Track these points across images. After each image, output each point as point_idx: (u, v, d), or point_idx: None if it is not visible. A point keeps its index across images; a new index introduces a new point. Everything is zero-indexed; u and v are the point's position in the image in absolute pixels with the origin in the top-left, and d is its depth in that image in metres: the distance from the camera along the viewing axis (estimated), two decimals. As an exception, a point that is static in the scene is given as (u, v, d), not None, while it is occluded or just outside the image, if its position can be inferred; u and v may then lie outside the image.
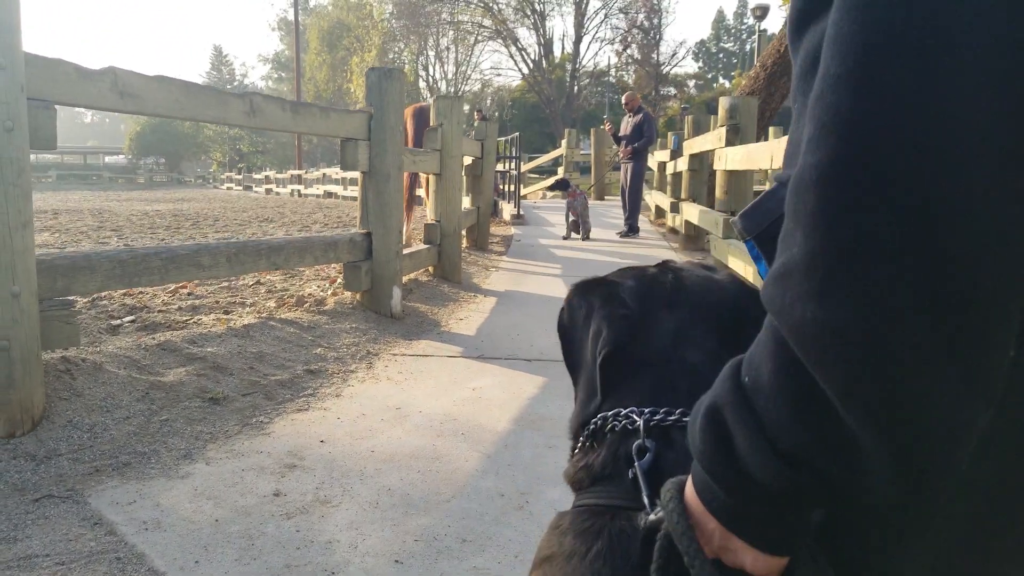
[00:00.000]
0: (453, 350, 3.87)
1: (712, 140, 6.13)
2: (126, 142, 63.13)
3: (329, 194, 24.16)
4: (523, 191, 14.97)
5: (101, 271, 2.84)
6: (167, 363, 3.10)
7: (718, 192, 5.93)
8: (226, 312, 4.32)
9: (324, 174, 26.63)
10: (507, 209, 11.53)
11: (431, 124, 5.64)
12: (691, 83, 47.84)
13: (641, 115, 9.69)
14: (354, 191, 21.27)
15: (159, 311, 4.29)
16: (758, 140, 5.83)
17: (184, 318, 4.08)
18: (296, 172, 30.54)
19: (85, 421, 2.54)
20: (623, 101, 10.01)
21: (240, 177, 40.98)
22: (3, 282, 2.35)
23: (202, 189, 46.15)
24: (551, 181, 19.08)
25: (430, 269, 5.63)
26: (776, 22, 58.85)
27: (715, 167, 5.87)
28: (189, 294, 4.96)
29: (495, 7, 38.80)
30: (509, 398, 3.11)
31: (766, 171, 7.19)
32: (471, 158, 7.32)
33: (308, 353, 3.55)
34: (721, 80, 66.03)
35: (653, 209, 12.20)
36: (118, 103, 2.87)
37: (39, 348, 2.52)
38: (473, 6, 39.17)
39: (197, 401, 2.83)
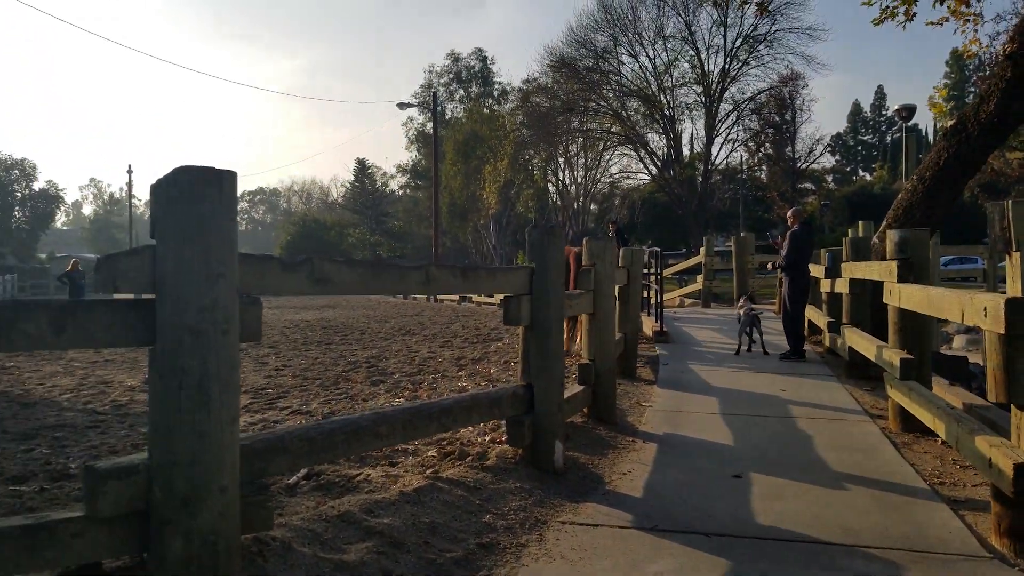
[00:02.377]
0: (622, 518, 3.71)
1: (880, 272, 5.82)
2: (277, 249, 68.19)
3: (464, 298, 24.86)
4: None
5: (292, 451, 2.95)
6: (348, 538, 3.13)
7: (891, 329, 5.57)
8: (391, 464, 4.38)
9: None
10: (647, 323, 11.37)
11: (583, 264, 5.67)
12: (829, 178, 46.59)
13: (789, 233, 9.41)
14: (488, 298, 22.18)
15: (329, 463, 4.41)
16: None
17: (353, 472, 4.17)
18: (433, 278, 31.70)
19: (278, 612, 2.57)
20: (789, 216, 9.73)
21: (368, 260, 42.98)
22: (213, 478, 2.46)
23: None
24: (689, 289, 18.84)
25: (585, 410, 5.55)
26: (922, 120, 56.85)
27: (886, 300, 5.55)
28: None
29: (624, 114, 39.68)
30: (694, 588, 2.91)
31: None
32: (618, 286, 7.30)
33: (478, 522, 3.51)
34: (861, 173, 64.06)
35: (805, 323, 11.66)
36: (314, 288, 3.04)
37: (239, 535, 2.60)
38: (602, 114, 40.23)
39: (379, 586, 2.83)
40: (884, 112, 69.08)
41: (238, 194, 2.69)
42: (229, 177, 2.54)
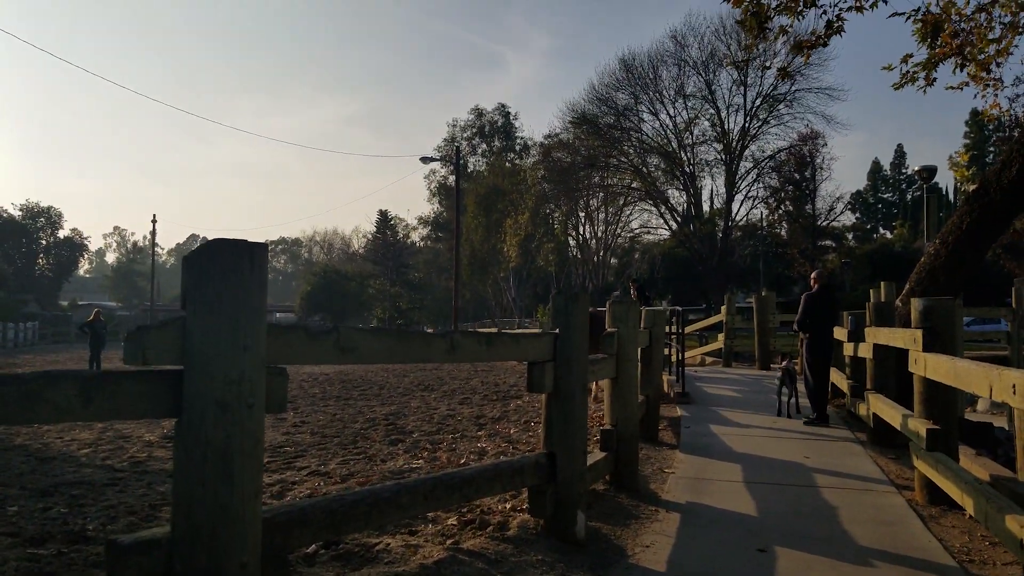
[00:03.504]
0: (646, 594, 3.63)
1: (905, 340, 5.75)
2: (297, 300, 68.69)
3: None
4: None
5: (314, 524, 2.92)
6: (365, 612, 3.08)
7: (916, 398, 5.48)
8: (411, 533, 4.32)
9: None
10: (666, 381, 11.26)
11: (606, 329, 5.66)
12: (849, 235, 46.49)
13: (804, 294, 9.36)
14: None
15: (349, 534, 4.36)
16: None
17: (372, 540, 4.12)
18: (452, 331, 31.73)
19: None
20: (812, 278, 9.68)
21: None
22: (234, 553, 2.44)
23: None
24: (710, 347, 18.69)
25: (607, 476, 5.47)
26: (943, 178, 56.81)
27: (911, 369, 5.47)
28: (372, 501, 5.04)
29: (645, 170, 40.05)
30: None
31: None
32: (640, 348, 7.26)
33: (498, 596, 3.44)
34: (881, 230, 63.83)
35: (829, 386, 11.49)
36: (339, 357, 3.05)
37: (257, 612, 2.57)
38: (623, 170, 40.61)
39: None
40: (904, 170, 69.20)
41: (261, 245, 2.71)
42: (260, 250, 2.58)
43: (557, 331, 4.29)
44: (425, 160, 41.62)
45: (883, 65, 9.91)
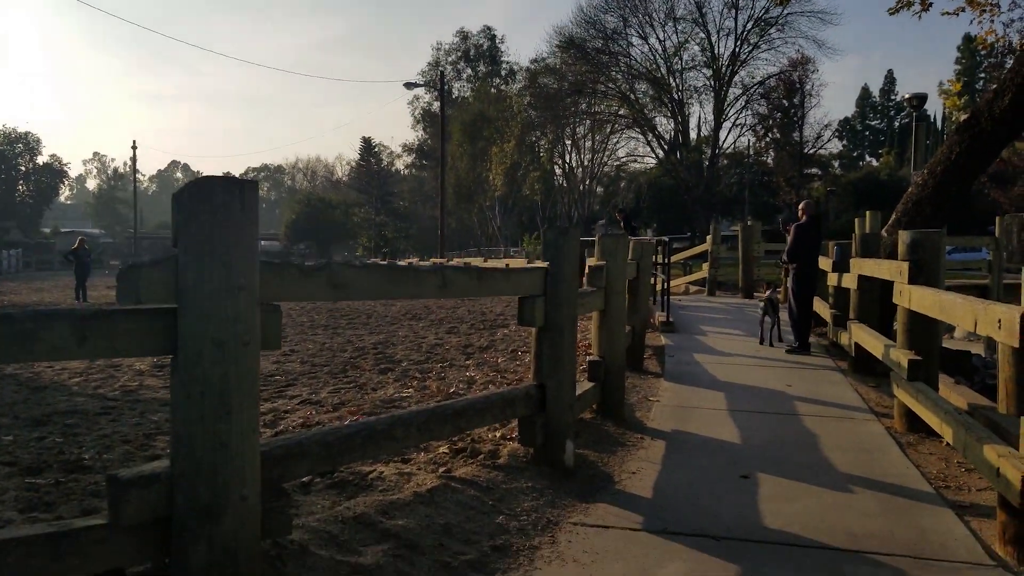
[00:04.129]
0: (633, 519, 3.75)
1: (891, 271, 5.81)
2: (282, 228, 68.09)
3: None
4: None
5: (310, 456, 2.98)
6: (364, 540, 3.17)
7: (899, 328, 5.58)
8: (404, 461, 4.42)
9: (466, 263, 27.54)
10: (651, 310, 11.38)
11: (586, 262, 5.68)
12: (836, 163, 46.33)
13: (794, 224, 9.38)
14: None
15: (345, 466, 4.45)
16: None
17: (367, 469, 4.21)
18: (439, 261, 31.76)
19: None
20: (799, 209, 9.69)
21: (385, 263, 42.98)
22: (235, 487, 2.49)
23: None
24: (694, 276, 18.82)
25: (594, 405, 5.58)
26: (932, 107, 56.27)
27: (895, 300, 5.55)
28: (364, 431, 5.13)
29: (632, 97, 39.42)
30: (704, 596, 2.95)
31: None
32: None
33: (491, 523, 3.55)
34: (868, 158, 63.63)
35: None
36: (331, 293, 3.06)
37: (260, 542, 2.64)
38: (611, 97, 39.96)
39: (395, 590, 2.87)
40: (893, 97, 68.52)
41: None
42: (250, 187, 2.55)
43: (547, 266, 4.30)
44: (409, 86, 40.83)
45: (879, -10, 9.70)
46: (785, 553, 3.41)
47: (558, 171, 48.33)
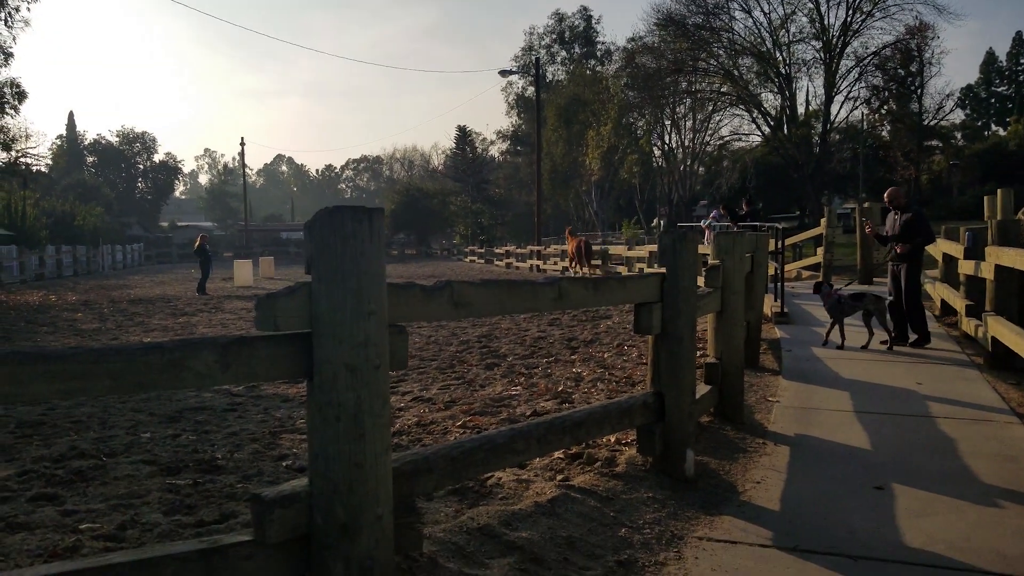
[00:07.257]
0: (762, 534, 3.62)
1: (1037, 265, 5.38)
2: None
3: (566, 269, 24.79)
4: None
5: (436, 471, 3.02)
6: (489, 552, 3.20)
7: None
8: (520, 466, 4.42)
9: (563, 251, 27.44)
10: (767, 301, 10.99)
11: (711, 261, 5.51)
12: (958, 134, 43.38)
13: (911, 213, 8.82)
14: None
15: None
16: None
17: (485, 476, 4.24)
18: (535, 248, 31.76)
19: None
20: (885, 198, 9.18)
21: (482, 251, 43.43)
22: (370, 506, 2.55)
23: (447, 262, 49.58)
24: (807, 261, 18.06)
25: (711, 409, 5.44)
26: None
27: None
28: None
29: (736, 73, 38.04)
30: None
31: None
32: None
33: (614, 536, 3.50)
34: (994, 127, 59.27)
35: (938, 303, 11.00)
36: (453, 312, 3.08)
37: (394, 558, 2.69)
38: (712, 74, 38.72)
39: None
40: (1022, 61, 63.49)
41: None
42: (377, 215, 2.58)
43: (664, 271, 4.19)
44: (504, 73, 40.95)
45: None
46: (929, 576, 3.21)
47: (657, 153, 47.39)
